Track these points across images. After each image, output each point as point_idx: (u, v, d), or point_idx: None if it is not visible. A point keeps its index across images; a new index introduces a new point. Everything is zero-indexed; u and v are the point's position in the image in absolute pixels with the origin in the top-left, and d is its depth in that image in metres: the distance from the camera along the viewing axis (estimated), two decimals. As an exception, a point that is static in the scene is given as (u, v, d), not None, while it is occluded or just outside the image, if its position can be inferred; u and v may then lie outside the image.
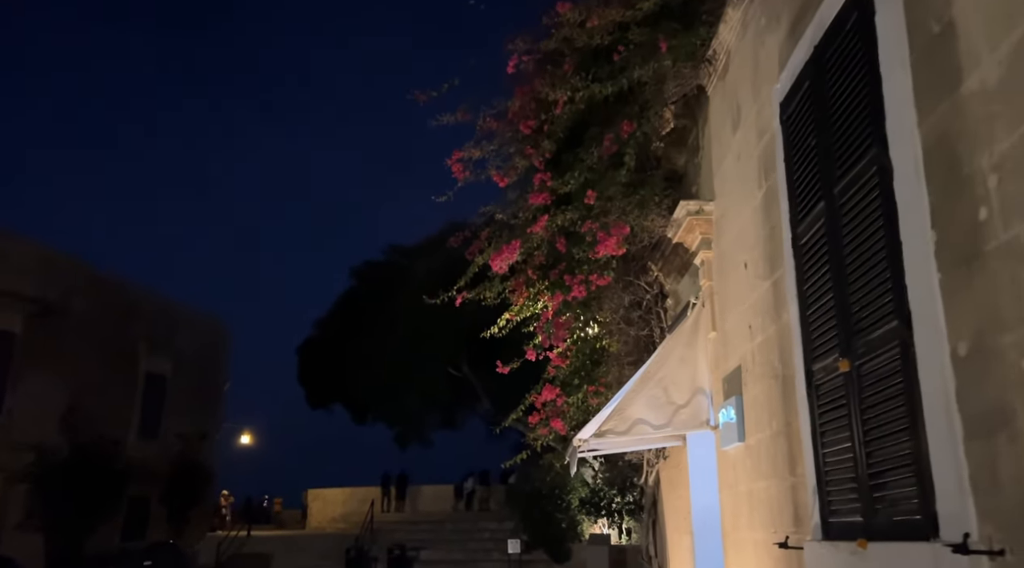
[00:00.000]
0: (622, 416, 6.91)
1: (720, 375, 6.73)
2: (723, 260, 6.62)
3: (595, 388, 8.95)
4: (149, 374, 27.61)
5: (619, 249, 6.93)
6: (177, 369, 28.53)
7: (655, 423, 6.97)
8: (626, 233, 6.93)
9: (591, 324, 9.54)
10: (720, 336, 6.73)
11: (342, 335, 27.71)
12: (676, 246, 7.59)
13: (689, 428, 7.05)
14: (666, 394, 7.02)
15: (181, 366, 28.64)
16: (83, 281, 24.39)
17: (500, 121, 8.29)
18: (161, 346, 27.77)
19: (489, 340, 10.32)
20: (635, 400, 6.96)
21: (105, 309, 25.25)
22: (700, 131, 7.41)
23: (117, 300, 25.90)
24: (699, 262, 7.15)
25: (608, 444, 8.10)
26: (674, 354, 7.08)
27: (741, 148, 6.09)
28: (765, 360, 5.49)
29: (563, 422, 9.26)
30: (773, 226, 5.31)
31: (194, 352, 29.37)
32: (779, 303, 5.17)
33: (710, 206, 6.88)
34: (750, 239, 5.84)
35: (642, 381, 7.01)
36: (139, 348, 27.04)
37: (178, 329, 28.85)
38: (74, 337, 23.66)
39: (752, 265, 5.80)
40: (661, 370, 7.04)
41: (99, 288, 25.17)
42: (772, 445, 5.32)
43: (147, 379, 27.53)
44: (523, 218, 7.88)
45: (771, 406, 5.36)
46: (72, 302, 23.84)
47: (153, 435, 27.20)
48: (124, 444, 24.85)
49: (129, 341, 26.44)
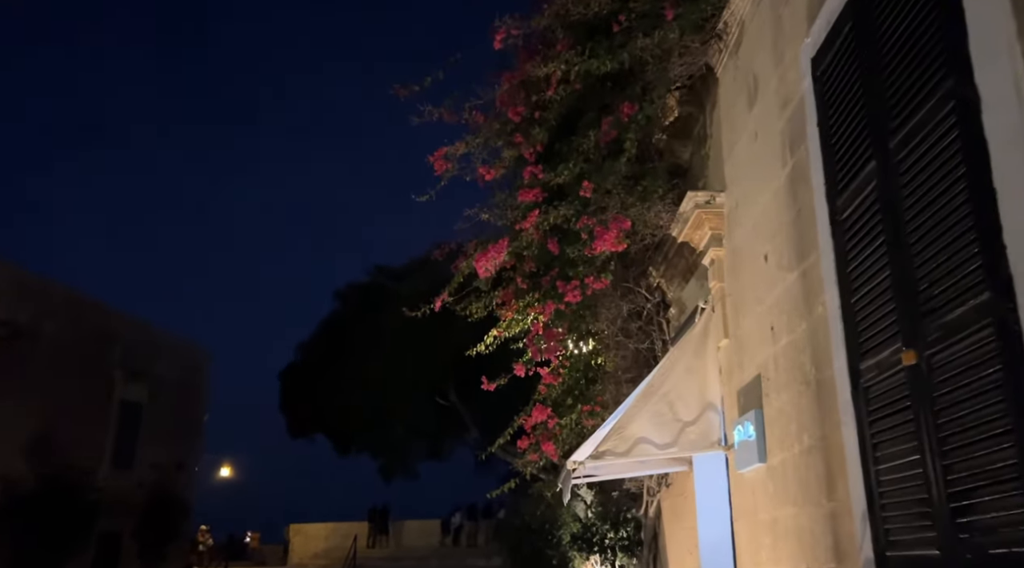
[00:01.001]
0: (622, 435, 6.09)
1: (734, 387, 5.92)
2: (737, 256, 5.84)
3: (590, 408, 8.13)
4: (124, 402, 26.54)
5: (619, 245, 6.15)
6: (154, 397, 27.46)
7: (659, 442, 6.15)
8: (627, 227, 6.16)
9: (586, 339, 8.73)
10: (734, 343, 5.93)
11: (325, 360, 26.76)
12: (681, 246, 6.81)
13: (698, 448, 6.22)
14: (671, 410, 6.21)
15: (159, 394, 27.57)
16: (56, 304, 23.45)
17: (486, 114, 7.54)
18: (138, 373, 26.73)
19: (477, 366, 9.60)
20: (637, 417, 6.14)
21: (80, 333, 24.27)
22: (707, 118, 6.66)
23: (93, 324, 24.93)
24: (708, 262, 6.37)
25: (606, 468, 7.26)
26: (680, 365, 6.28)
27: (759, 126, 5.34)
28: (792, 365, 4.69)
29: (555, 446, 8.42)
30: (801, 207, 4.54)
31: (173, 380, 28.33)
32: (811, 295, 4.39)
33: (721, 197, 6.11)
34: (771, 227, 5.07)
35: (644, 396, 6.19)
36: (115, 375, 26.00)
37: (157, 356, 27.84)
38: (45, 362, 22.65)
39: (774, 256, 5.02)
40: (666, 383, 6.23)
41: (74, 311, 24.21)
42: (803, 464, 4.50)
43: (122, 407, 26.45)
44: (511, 217, 7.10)
45: (800, 418, 4.55)
46: (44, 325, 22.88)
47: (127, 466, 26.09)
48: (96, 475, 23.79)
49: (104, 367, 25.40)
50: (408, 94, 7.60)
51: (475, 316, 8.79)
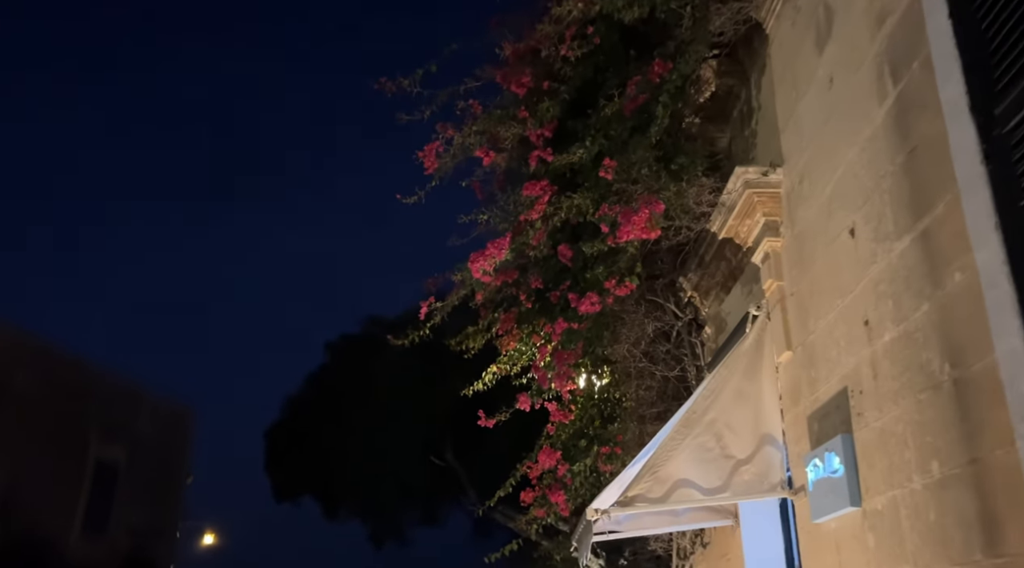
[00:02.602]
0: (656, 476, 4.73)
1: (802, 412, 4.59)
2: (804, 243, 4.58)
3: (608, 450, 6.75)
4: (100, 461, 24.91)
5: (651, 231, 4.87)
6: (132, 457, 25.87)
7: (705, 486, 4.79)
8: (660, 210, 4.89)
9: (601, 370, 7.40)
10: (801, 356, 4.63)
11: (313, 418, 25.19)
12: (722, 246, 5.55)
13: (755, 493, 4.86)
14: (719, 444, 4.87)
15: (137, 454, 25.97)
16: (28, 355, 22.07)
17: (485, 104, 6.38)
18: (115, 431, 25.17)
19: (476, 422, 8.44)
20: (675, 453, 4.80)
21: (52, 387, 22.80)
22: (753, 89, 5.47)
23: (67, 378, 23.48)
24: (760, 258, 5.10)
25: (634, 520, 5.89)
26: (728, 388, 4.95)
27: (836, 66, 4.14)
28: (906, 365, 3.39)
29: (566, 497, 7.02)
30: (917, 144, 3.30)
31: (153, 439, 26.74)
32: (938, 261, 3.11)
33: (777, 174, 4.88)
34: (860, 190, 3.82)
35: (684, 425, 4.86)
36: (90, 432, 24.48)
37: (136, 413, 26.33)
38: (13, 417, 21.19)
39: (867, 227, 3.76)
40: (711, 410, 4.90)
41: (47, 364, 22.80)
42: (932, 505, 3.16)
43: (97, 467, 24.80)
44: (515, 211, 5.86)
45: (924, 439, 3.23)
46: (14, 377, 21.49)
47: (100, 530, 24.34)
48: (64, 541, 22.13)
49: (79, 424, 23.88)
50: (395, 90, 6.47)
51: (473, 349, 7.54)
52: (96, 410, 24.55)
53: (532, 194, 5.75)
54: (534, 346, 7.21)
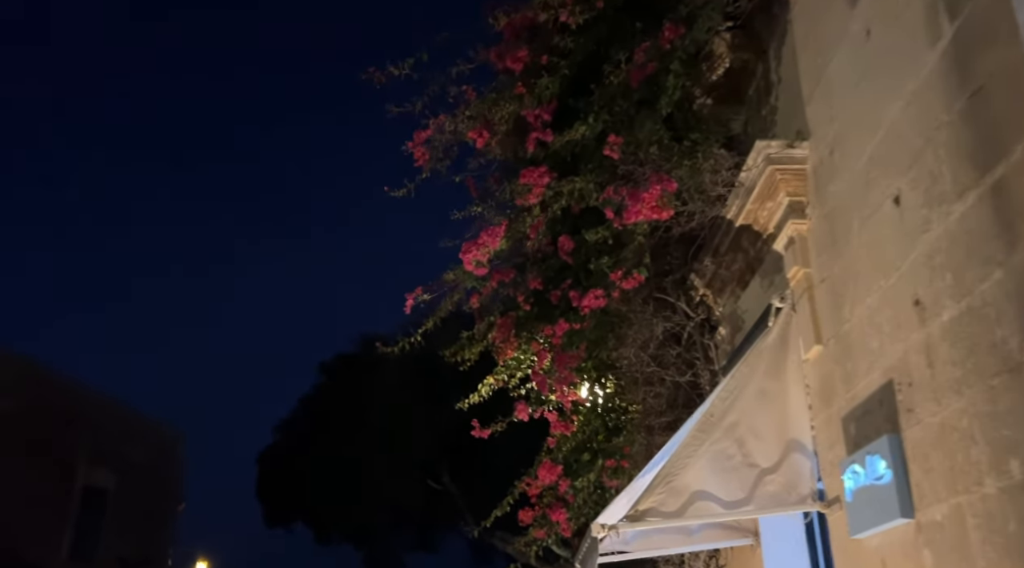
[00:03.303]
0: (671, 487, 4.18)
1: (836, 413, 4.06)
2: (836, 222, 4.06)
3: (614, 463, 6.19)
4: (88, 487, 24.25)
5: (662, 210, 4.34)
6: (122, 483, 25.20)
7: (726, 498, 4.24)
8: (672, 189, 4.37)
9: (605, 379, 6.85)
10: (834, 349, 4.10)
11: (306, 441, 24.50)
12: (738, 235, 5.03)
13: (782, 506, 4.30)
14: (741, 451, 4.32)
15: (127, 480, 25.30)
16: (13, 376, 21.50)
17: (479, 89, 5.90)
18: (105, 456, 24.53)
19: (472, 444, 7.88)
20: (691, 461, 4.25)
21: (39, 410, 22.21)
22: (773, 59, 4.97)
23: (55, 400, 22.89)
24: (783, 245, 4.58)
25: (644, 541, 5.32)
26: (750, 389, 4.41)
27: (874, 16, 3.64)
28: (970, 348, 2.86)
29: (568, 515, 6.45)
30: (983, 83, 2.80)
31: (144, 465, 26.03)
32: (1017, 216, 2.60)
33: (802, 150, 4.37)
34: (909, 148, 3.31)
35: (701, 430, 4.31)
36: (78, 457, 23.84)
37: (127, 438, 25.67)
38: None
39: (916, 191, 3.25)
40: (731, 413, 4.35)
41: (34, 386, 22.23)
42: (1013, 511, 2.62)
43: (85, 493, 24.14)
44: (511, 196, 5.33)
45: (1000, 432, 2.69)
46: (0, 400, 20.92)
47: (87, 560, 23.62)
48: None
49: (67, 448, 23.22)
50: (385, 80, 6.00)
51: (469, 360, 7.02)
52: (85, 434, 23.93)
53: (530, 181, 5.23)
54: (532, 354, 6.68)
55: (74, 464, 23.40)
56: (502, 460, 11.20)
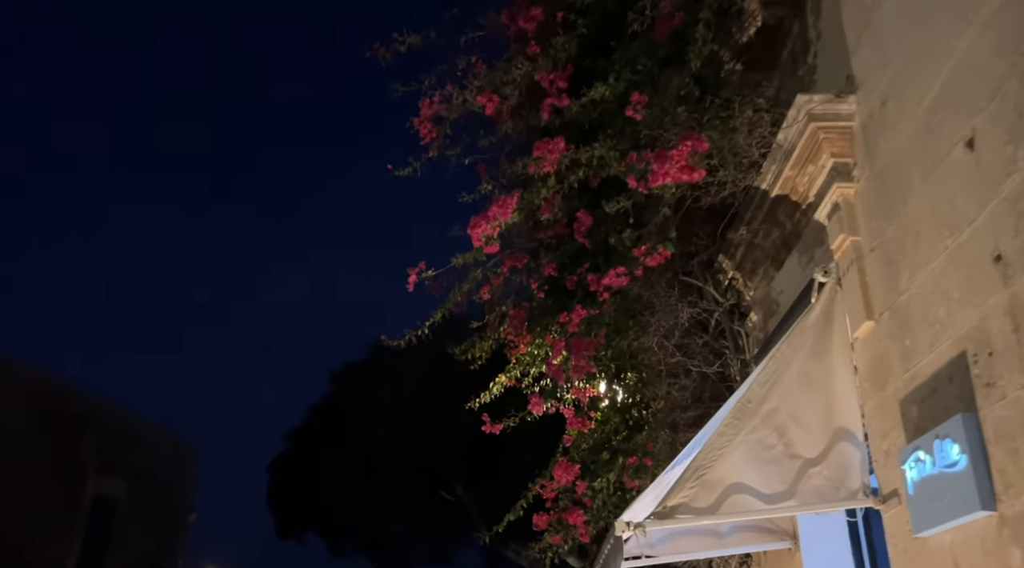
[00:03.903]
0: (703, 480, 3.72)
1: (892, 395, 3.59)
2: (891, 180, 3.60)
3: (636, 460, 5.72)
4: (97, 497, 23.88)
5: (692, 171, 3.88)
6: (132, 493, 24.83)
7: (766, 492, 3.77)
8: (703, 148, 3.92)
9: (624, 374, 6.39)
10: (888, 324, 3.63)
11: (318, 451, 24.07)
12: (774, 206, 4.57)
13: (829, 501, 3.82)
14: (782, 440, 3.85)
15: (137, 490, 24.92)
16: (21, 384, 21.21)
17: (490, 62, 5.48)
18: (114, 465, 24.16)
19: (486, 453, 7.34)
20: (726, 452, 3.78)
21: (47, 418, 21.89)
22: (811, 13, 4.52)
23: (64, 408, 22.56)
24: (825, 213, 4.12)
25: (671, 544, 4.85)
26: (791, 371, 3.94)
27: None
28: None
29: (585, 518, 5.98)
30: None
31: (155, 474, 25.65)
32: None
33: (848, 104, 3.92)
34: (987, 80, 2.85)
35: (737, 417, 3.84)
36: (87, 466, 23.48)
37: (137, 447, 25.30)
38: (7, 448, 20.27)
39: (998, 127, 2.79)
40: (770, 398, 3.88)
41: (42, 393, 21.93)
42: None
43: (94, 503, 23.79)
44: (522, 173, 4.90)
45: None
46: (6, 407, 20.61)
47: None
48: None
49: (75, 457, 22.89)
50: (391, 56, 5.62)
51: (480, 358, 6.62)
52: (95, 443, 23.60)
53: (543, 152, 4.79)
54: (547, 348, 6.23)
55: (83, 473, 23.04)
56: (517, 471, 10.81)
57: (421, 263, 4.80)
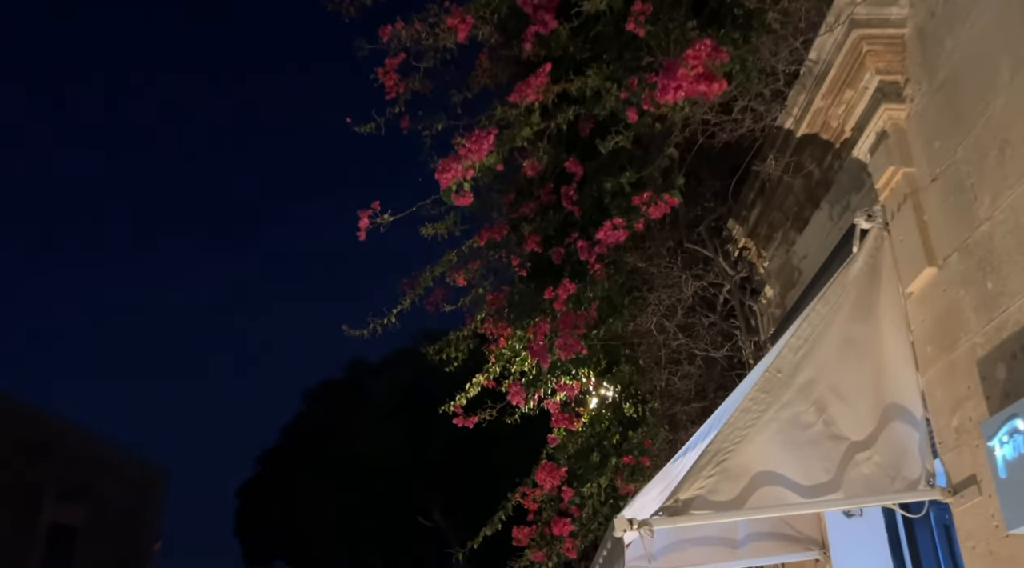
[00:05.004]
0: (724, 467, 2.95)
1: (964, 356, 2.84)
2: (961, 88, 2.88)
3: (632, 460, 4.94)
4: (55, 525, 22.76)
5: (709, 83, 3.12)
6: (93, 520, 23.68)
7: (805, 483, 3.00)
8: (722, 59, 3.19)
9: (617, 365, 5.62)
10: (959, 267, 2.89)
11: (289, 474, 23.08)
12: (800, 148, 3.84)
13: (882, 493, 3.04)
14: (821, 418, 3.09)
15: (99, 517, 23.78)
16: (-26, 404, 20.16)
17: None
18: (74, 491, 23.05)
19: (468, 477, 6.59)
20: (753, 433, 3.02)
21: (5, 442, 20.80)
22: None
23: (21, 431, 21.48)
24: (868, 146, 3.40)
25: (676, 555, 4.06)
26: (830, 335, 3.19)
27: None
28: None
29: (573, 527, 5.17)
30: None
31: (118, 501, 24.47)
32: None
33: (899, 6, 3.21)
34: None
35: (764, 390, 3.08)
36: (44, 492, 22.36)
37: (101, 472, 24.17)
38: (-44, 472, 19.19)
39: None
40: (805, 367, 3.13)
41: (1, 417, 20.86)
42: None
43: (52, 530, 22.66)
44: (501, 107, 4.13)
45: None
46: (-44, 428, 19.55)
47: (53, 599, 22.10)
48: (9, 614, 19.93)
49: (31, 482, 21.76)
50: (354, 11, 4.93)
51: (456, 359, 5.87)
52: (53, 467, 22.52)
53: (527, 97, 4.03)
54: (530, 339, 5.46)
55: (39, 499, 21.95)
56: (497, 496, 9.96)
57: (375, 203, 4.01)
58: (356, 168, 75.78)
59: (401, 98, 4.92)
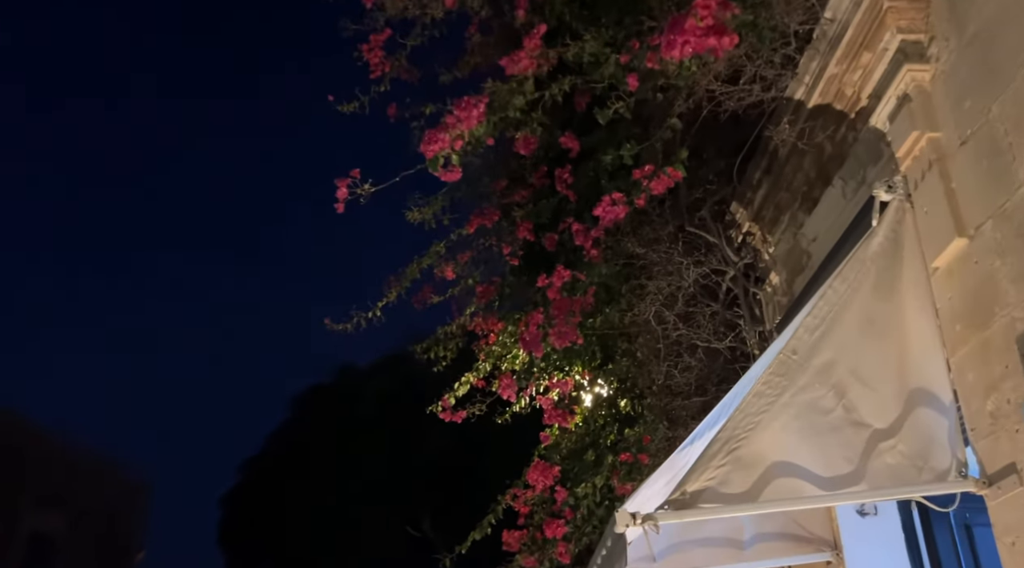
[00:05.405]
0: (736, 456, 2.68)
1: (1000, 334, 2.58)
2: (999, 35, 2.64)
3: (630, 457, 4.67)
4: (34, 533, 22.36)
5: (720, 40, 2.84)
6: (73, 529, 23.25)
7: (825, 474, 2.74)
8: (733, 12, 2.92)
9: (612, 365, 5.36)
10: (994, 236, 2.65)
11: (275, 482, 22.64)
12: (811, 118, 3.60)
13: (910, 484, 2.78)
14: (842, 403, 2.83)
15: (79, 526, 23.35)
16: (-50, 410, 19.76)
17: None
18: (53, 499, 22.63)
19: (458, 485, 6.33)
20: (767, 419, 2.76)
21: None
22: None
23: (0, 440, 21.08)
24: (888, 113, 3.15)
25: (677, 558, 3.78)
26: (850, 314, 2.94)
27: None
28: None
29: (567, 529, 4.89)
30: None
31: (99, 510, 24.09)
32: None
33: (923, -41, 2.97)
34: None
35: (779, 373, 2.82)
36: (21, 500, 21.92)
37: (79, 480, 23.76)
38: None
39: None
40: (823, 348, 2.87)
41: (-23, 425, 20.46)
42: None
43: (30, 540, 22.25)
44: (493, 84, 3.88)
45: None
46: (-69, 433, 19.15)
47: (32, 609, 21.66)
48: (-15, 626, 19.51)
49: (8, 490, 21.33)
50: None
51: (445, 358, 5.62)
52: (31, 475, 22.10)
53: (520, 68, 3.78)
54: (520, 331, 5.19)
55: (16, 507, 21.51)
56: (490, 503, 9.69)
57: (355, 171, 3.70)
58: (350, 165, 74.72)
59: (387, 77, 4.69)
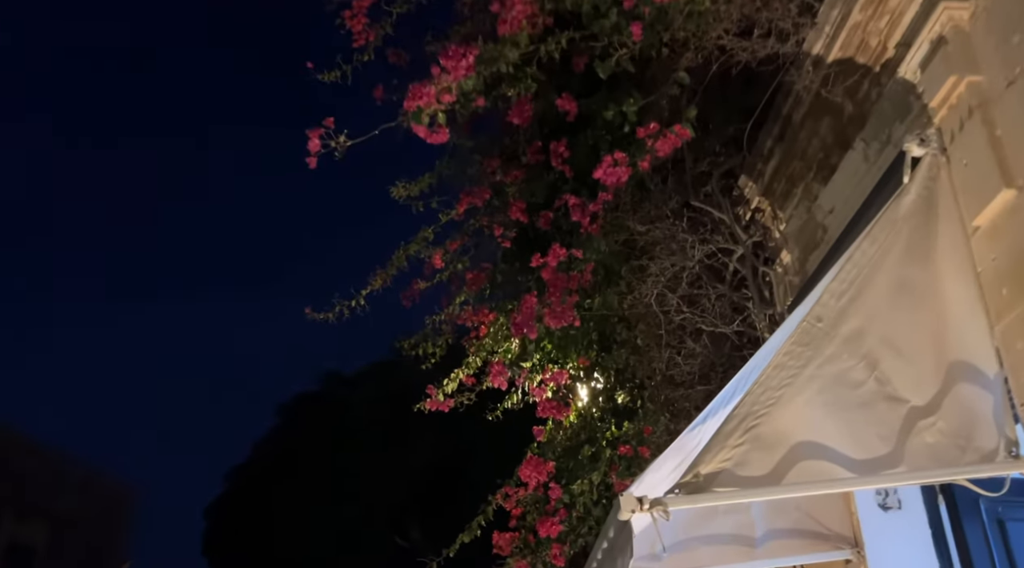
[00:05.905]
0: (755, 434, 2.37)
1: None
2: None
3: (630, 450, 4.34)
4: (13, 544, 21.90)
5: None
6: (55, 540, 22.77)
7: (856, 457, 2.42)
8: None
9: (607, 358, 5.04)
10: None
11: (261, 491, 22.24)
12: (830, 77, 3.31)
13: (952, 466, 2.47)
14: (873, 374, 2.52)
15: (61, 536, 22.87)
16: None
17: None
18: (34, 509, 22.16)
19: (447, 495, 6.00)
20: (790, 393, 2.44)
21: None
22: None
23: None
24: (919, 60, 2.86)
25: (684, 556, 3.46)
26: (881, 278, 2.63)
27: None
28: None
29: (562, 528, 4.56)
30: None
31: (82, 520, 23.60)
32: None
33: None
34: None
35: (801, 343, 2.51)
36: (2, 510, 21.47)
37: (61, 489, 23.29)
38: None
39: None
40: (851, 315, 2.56)
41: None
42: None
43: (9, 551, 21.79)
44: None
45: None
46: (-97, 442, 18.71)
47: (8, 627, 21.18)
48: (-40, 640, 19.03)
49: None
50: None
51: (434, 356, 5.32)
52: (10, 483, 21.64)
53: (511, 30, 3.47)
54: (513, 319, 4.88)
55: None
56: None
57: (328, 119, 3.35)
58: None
59: (370, 46, 4.39)
